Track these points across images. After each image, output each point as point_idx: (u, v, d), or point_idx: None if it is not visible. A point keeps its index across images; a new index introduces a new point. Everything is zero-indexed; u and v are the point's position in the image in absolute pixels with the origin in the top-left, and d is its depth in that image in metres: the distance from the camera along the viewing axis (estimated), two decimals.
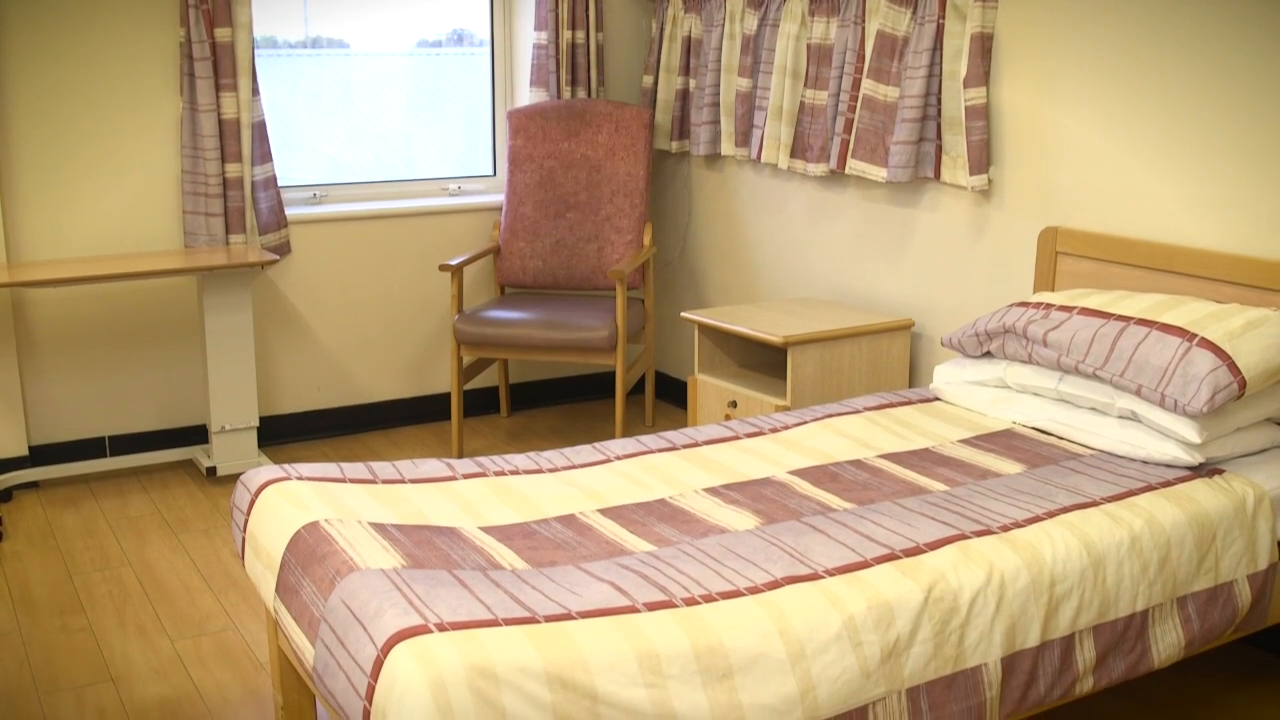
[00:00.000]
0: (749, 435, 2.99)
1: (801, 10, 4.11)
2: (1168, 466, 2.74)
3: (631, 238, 4.65)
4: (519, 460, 2.78)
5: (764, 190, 4.56)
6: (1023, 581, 2.28)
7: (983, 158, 3.57)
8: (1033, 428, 3.04)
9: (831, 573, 2.19)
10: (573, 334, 4.25)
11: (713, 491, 2.62)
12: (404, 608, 1.95)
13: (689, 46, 4.72)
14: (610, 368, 5.28)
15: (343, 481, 2.60)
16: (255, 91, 4.27)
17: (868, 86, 3.84)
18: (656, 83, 4.88)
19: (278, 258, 4.15)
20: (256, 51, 4.31)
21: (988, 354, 3.22)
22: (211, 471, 4.27)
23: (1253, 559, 2.62)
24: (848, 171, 3.96)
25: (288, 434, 4.68)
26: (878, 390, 3.82)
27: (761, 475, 2.72)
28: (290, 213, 4.52)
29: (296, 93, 4.78)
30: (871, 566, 2.22)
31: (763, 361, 4.08)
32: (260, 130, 4.31)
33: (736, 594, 2.10)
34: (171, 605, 3.35)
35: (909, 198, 3.94)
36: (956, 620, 2.19)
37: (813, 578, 2.17)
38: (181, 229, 4.33)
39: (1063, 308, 3.05)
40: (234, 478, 4.31)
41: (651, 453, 2.86)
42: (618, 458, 2.82)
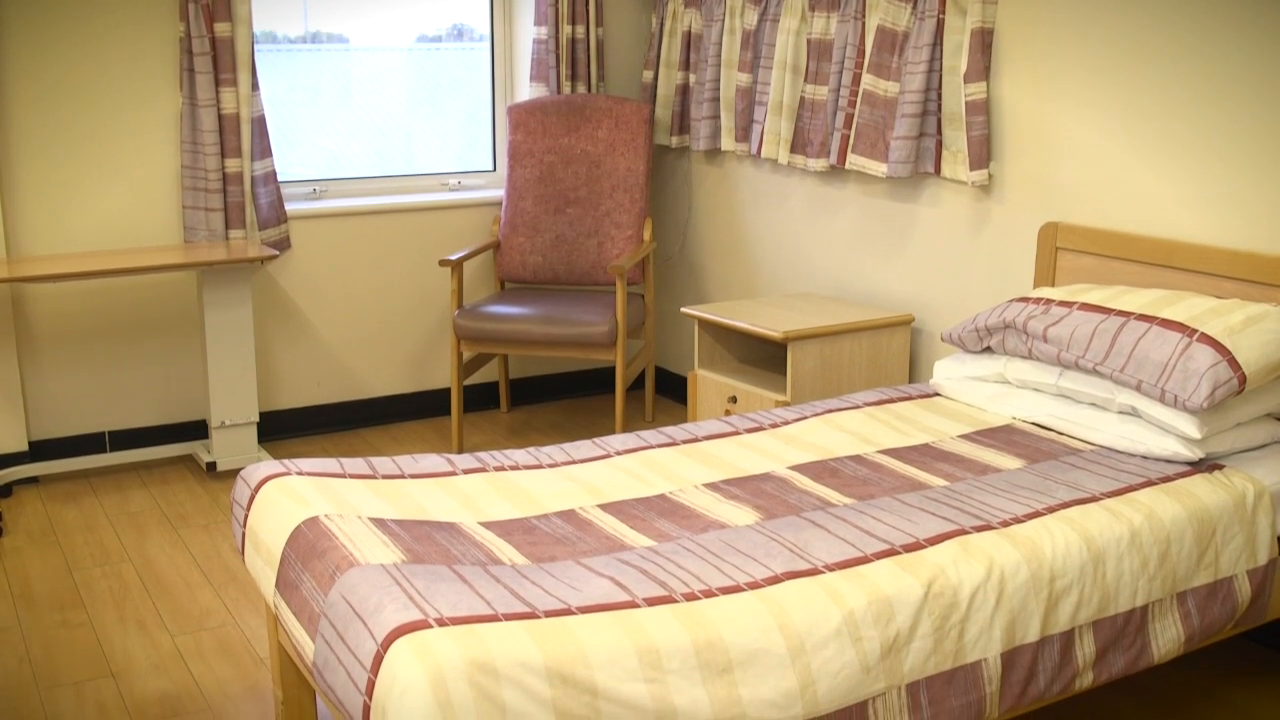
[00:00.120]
0: (749, 430, 2.99)
1: (802, 5, 4.10)
2: (1168, 462, 2.74)
3: (631, 233, 4.65)
4: (519, 455, 2.78)
5: (764, 185, 4.56)
6: (1022, 577, 2.28)
7: (983, 153, 3.57)
8: (1033, 423, 3.04)
9: (831, 568, 2.19)
10: (573, 329, 4.25)
11: (713, 487, 2.62)
12: (404, 603, 1.95)
13: (689, 41, 4.71)
14: (610, 363, 5.27)
15: (343, 477, 2.60)
16: (255, 86, 4.27)
17: (868, 81, 3.84)
18: (656, 78, 4.87)
19: (277, 253, 4.15)
20: (256, 46, 4.31)
21: (988, 349, 3.22)
22: (211, 467, 4.27)
23: (1252, 554, 2.62)
24: (848, 167, 3.96)
25: (288, 429, 4.68)
26: (878, 385, 3.81)
27: (761, 470, 2.72)
28: (290, 208, 4.51)
29: (296, 88, 4.77)
30: (871, 562, 2.22)
31: (763, 357, 4.08)
32: (260, 125, 4.31)
33: (736, 589, 2.10)
34: (171, 600, 3.35)
35: (909, 193, 3.94)
36: (956, 615, 2.20)
37: (813, 573, 2.17)
38: (181, 224, 4.33)
39: (1063, 303, 3.04)
40: (234, 473, 4.31)
41: (651, 448, 2.86)
42: (618, 453, 2.82)
